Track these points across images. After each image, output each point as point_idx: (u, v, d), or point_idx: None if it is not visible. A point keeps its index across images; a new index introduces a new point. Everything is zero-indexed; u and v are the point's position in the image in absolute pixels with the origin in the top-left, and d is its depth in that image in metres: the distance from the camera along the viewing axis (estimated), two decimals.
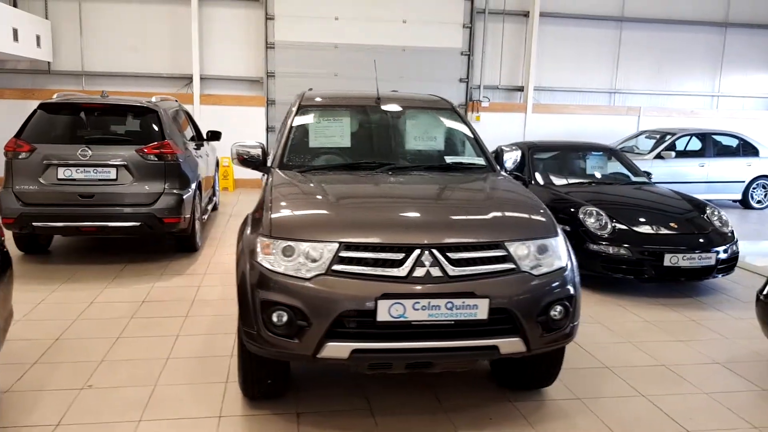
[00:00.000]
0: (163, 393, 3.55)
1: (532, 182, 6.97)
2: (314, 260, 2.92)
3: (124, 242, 6.93)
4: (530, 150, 7.51)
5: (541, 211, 3.38)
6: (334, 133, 4.30)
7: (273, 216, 3.14)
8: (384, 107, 4.54)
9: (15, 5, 10.86)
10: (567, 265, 3.19)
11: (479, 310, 2.90)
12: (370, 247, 2.94)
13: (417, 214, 3.15)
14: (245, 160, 4.12)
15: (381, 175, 3.87)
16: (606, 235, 5.70)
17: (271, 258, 2.98)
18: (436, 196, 3.57)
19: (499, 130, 13.20)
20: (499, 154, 4.44)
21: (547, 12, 12.97)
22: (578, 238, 5.81)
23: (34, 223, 5.72)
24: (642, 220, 5.85)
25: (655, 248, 5.57)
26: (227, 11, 11.91)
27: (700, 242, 5.65)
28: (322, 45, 12.21)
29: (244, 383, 3.32)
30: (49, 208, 5.73)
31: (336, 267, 2.91)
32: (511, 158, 4.44)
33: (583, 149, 7.72)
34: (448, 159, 4.27)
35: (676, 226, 5.79)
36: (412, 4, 12.46)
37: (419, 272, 2.90)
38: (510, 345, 2.99)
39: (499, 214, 3.27)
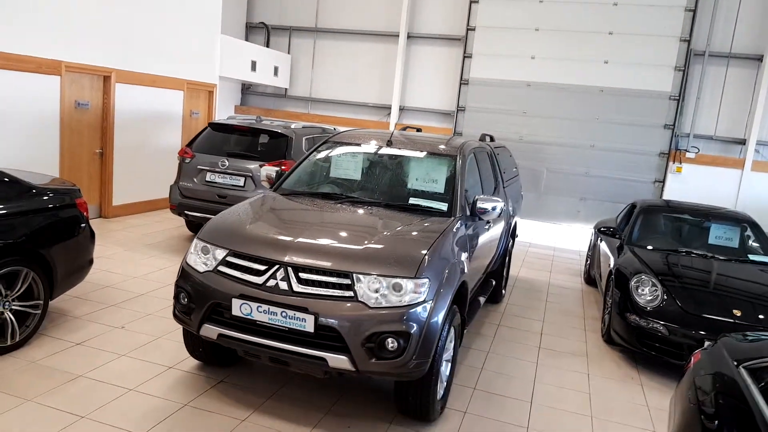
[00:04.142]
0: (159, 343, 4.78)
1: (625, 242, 6.58)
2: (215, 260, 3.82)
3: None
4: (642, 208, 7.05)
5: (414, 255, 3.66)
6: (333, 166, 5.07)
7: (207, 224, 4.12)
8: (387, 148, 5.11)
9: (268, 44, 13.76)
10: (419, 305, 3.48)
11: (307, 323, 3.44)
12: (245, 257, 3.71)
13: (293, 237, 3.76)
14: (272, 182, 5.17)
15: (335, 204, 4.51)
16: (649, 308, 5.26)
17: (193, 254, 3.96)
18: (341, 227, 4.06)
19: (704, 184, 11.92)
20: (474, 202, 4.67)
21: None
22: (625, 306, 5.47)
23: (185, 211, 7.64)
24: (710, 300, 5.23)
25: (696, 333, 4.96)
26: (430, 49, 13.14)
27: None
28: (514, 83, 12.61)
29: (185, 345, 4.35)
30: (196, 201, 7.58)
31: (220, 268, 3.76)
32: (491, 207, 4.62)
33: (710, 216, 6.86)
34: (413, 200, 4.65)
35: (739, 314, 5.04)
36: (618, 45, 12.02)
37: (271, 283, 3.57)
38: (337, 361, 3.44)
39: (365, 251, 3.66)
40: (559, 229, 12.54)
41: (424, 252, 3.71)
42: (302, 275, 3.56)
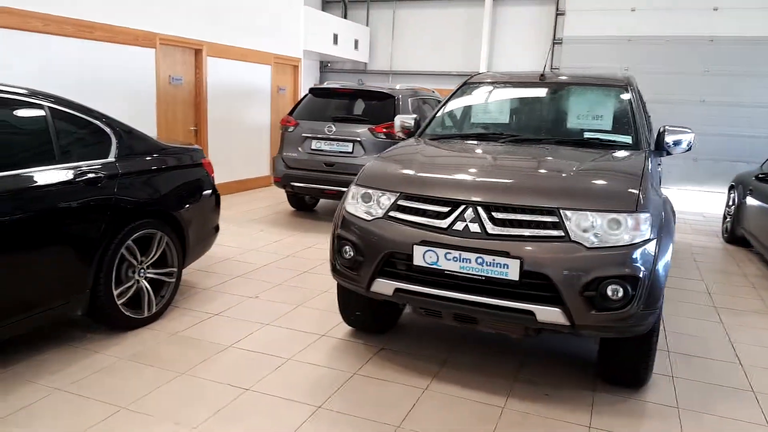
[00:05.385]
0: (300, 311, 4.33)
1: None
2: (382, 207, 3.29)
3: None
4: None
5: (629, 187, 3.02)
6: (483, 108, 4.47)
7: (363, 169, 3.59)
8: (543, 85, 4.47)
9: (345, 15, 13.26)
10: (644, 244, 2.84)
11: (510, 270, 2.86)
12: (422, 199, 3.16)
13: (478, 177, 3.18)
14: (408, 131, 4.62)
15: (499, 145, 3.92)
16: None
17: (353, 202, 3.45)
18: (524, 164, 3.46)
19: None
20: (661, 134, 3.98)
21: None
22: None
23: (292, 183, 7.22)
24: None
25: None
26: (519, 9, 12.33)
27: None
28: (613, 38, 11.67)
29: (340, 310, 3.86)
30: (303, 172, 7.13)
31: (392, 213, 3.22)
32: (676, 140, 3.92)
33: None
34: (588, 135, 4.01)
35: None
36: None
37: (459, 226, 3.01)
38: (548, 314, 2.85)
39: (569, 183, 3.04)
40: (669, 192, 11.55)
41: (636, 184, 3.06)
42: (496, 215, 2.98)
